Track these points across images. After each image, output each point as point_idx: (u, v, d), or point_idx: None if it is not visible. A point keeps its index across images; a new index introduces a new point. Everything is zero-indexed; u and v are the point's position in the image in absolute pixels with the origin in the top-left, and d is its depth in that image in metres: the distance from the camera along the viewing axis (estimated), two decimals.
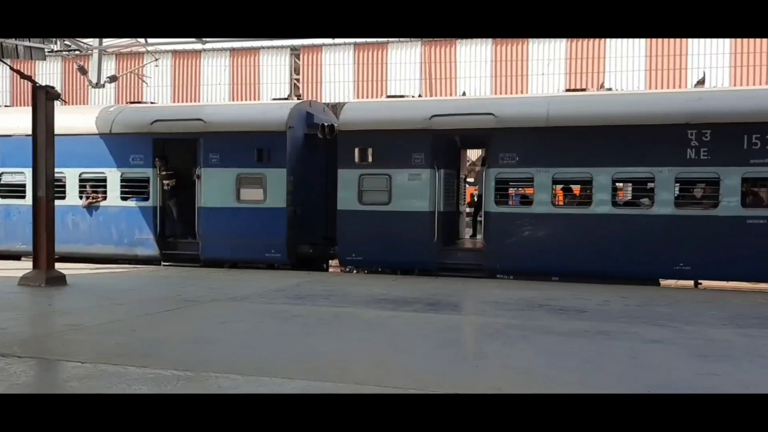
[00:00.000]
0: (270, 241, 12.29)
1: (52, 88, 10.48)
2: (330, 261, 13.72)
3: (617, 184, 11.29)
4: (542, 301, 8.72)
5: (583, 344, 6.09)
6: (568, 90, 13.67)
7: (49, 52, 15.75)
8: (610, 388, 4.56)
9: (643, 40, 21.23)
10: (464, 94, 21.79)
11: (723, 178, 10.28)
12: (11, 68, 11.85)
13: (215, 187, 12.51)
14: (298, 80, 25.29)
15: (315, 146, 12.66)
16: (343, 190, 11.92)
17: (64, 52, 18.67)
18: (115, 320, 7.02)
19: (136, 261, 13.13)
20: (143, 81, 23.24)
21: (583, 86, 18.89)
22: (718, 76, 20.48)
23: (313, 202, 12.69)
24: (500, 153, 11.24)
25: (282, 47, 24.86)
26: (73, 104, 24.24)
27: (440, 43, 23.19)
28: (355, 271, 12.47)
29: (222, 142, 12.48)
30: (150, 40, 15.53)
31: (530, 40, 22.50)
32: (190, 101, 25.19)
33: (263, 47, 24.83)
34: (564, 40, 22.06)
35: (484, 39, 22.94)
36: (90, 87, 17.00)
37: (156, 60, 20.27)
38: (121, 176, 13.01)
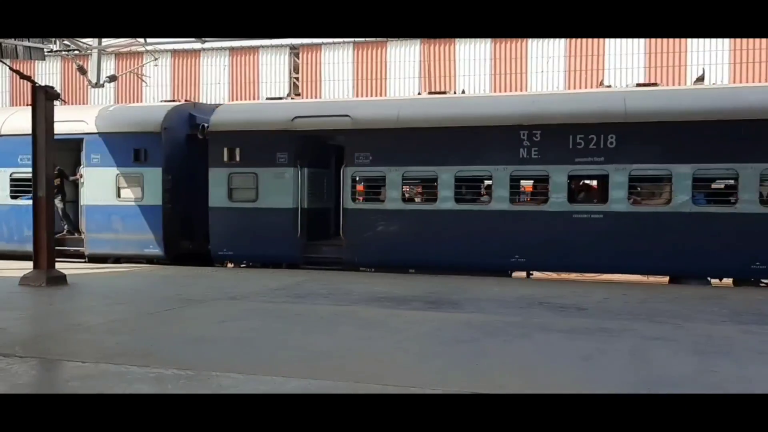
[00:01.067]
0: (148, 236, 12.87)
1: (52, 88, 10.49)
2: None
3: (492, 181, 11.55)
4: (542, 298, 8.73)
5: (583, 342, 6.10)
6: (431, 93, 14.46)
7: (48, 52, 15.74)
8: (610, 386, 4.57)
9: (643, 38, 21.22)
10: (463, 92, 21.79)
11: (552, 175, 10.89)
12: (11, 68, 11.85)
13: (97, 186, 13.11)
14: (297, 79, 25.29)
15: (197, 146, 13.04)
16: (214, 188, 12.47)
17: (63, 52, 18.65)
18: (116, 320, 7.03)
19: (27, 257, 13.27)
20: (143, 80, 23.24)
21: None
22: (718, 73, 20.47)
23: (197, 199, 13.07)
24: (355, 153, 11.86)
25: (281, 46, 24.85)
26: (73, 104, 24.23)
27: (439, 41, 23.19)
28: (230, 265, 13.09)
29: (103, 143, 13.05)
30: (149, 40, 15.53)
31: (530, 38, 22.50)
32: (190, 100, 25.18)
33: (262, 46, 24.82)
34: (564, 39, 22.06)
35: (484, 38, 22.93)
36: (89, 87, 16.99)
37: (155, 59, 20.27)
38: (10, 176, 13.61)
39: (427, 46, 23.43)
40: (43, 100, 10.03)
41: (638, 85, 13.47)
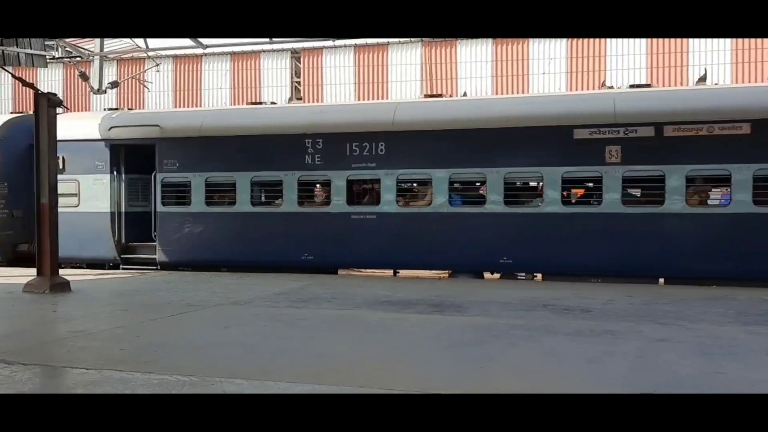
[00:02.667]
0: None
1: (54, 95, 10.51)
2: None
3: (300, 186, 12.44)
4: (546, 301, 8.71)
5: (588, 344, 6.07)
6: (251, 103, 15.39)
7: (50, 59, 15.80)
8: (617, 388, 4.54)
9: (644, 38, 21.20)
10: (465, 94, 21.77)
11: (333, 180, 12.00)
12: (13, 76, 11.87)
13: None
14: (299, 83, 25.32)
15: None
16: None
17: (65, 59, 18.72)
18: (120, 326, 7.02)
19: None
20: (144, 86, 23.29)
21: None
22: (720, 73, 20.44)
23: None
24: (164, 159, 12.88)
25: (282, 50, 24.87)
26: (75, 111, 24.27)
27: (441, 43, 23.19)
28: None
29: None
30: (151, 45, 15.55)
31: (531, 39, 22.48)
32: (192, 106, 25.24)
33: (264, 50, 24.84)
34: (565, 39, 22.04)
35: (485, 39, 22.92)
36: (91, 93, 17.03)
37: (157, 65, 20.31)
38: None
39: (428, 48, 23.43)
40: (45, 107, 10.04)
41: (426, 96, 15.27)
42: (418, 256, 11.69)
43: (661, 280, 10.97)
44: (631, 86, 12.86)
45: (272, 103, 17.58)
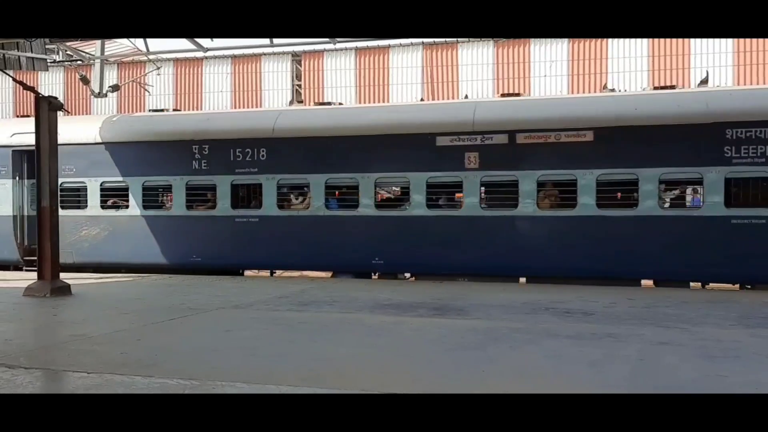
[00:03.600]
0: None
1: (55, 98, 10.53)
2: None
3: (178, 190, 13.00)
4: (548, 304, 8.69)
5: (590, 347, 6.06)
6: (154, 110, 15.91)
7: (51, 62, 15.80)
8: (617, 391, 4.52)
9: (645, 41, 21.20)
10: (466, 97, 21.79)
11: (218, 185, 12.53)
12: (14, 79, 11.90)
13: None
14: (300, 86, 25.33)
15: None
16: None
17: (66, 63, 18.72)
18: (121, 330, 7.01)
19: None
20: (145, 89, 23.30)
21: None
22: (722, 76, 20.43)
23: None
24: (62, 165, 12.91)
25: (283, 53, 24.89)
26: (76, 114, 24.31)
27: (442, 46, 23.20)
28: None
29: None
30: (152, 48, 15.57)
31: (532, 42, 22.49)
32: (192, 109, 25.25)
33: (264, 53, 24.87)
34: (566, 41, 22.04)
35: (486, 42, 22.93)
36: (92, 96, 17.05)
37: (158, 68, 20.32)
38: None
39: (430, 51, 23.45)
40: (46, 110, 10.06)
41: (318, 103, 16.31)
42: (300, 257, 12.32)
43: (522, 279, 11.58)
44: (503, 95, 13.96)
45: (174, 109, 18.30)
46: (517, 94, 14.55)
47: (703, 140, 10.46)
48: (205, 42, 13.34)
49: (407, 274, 12.25)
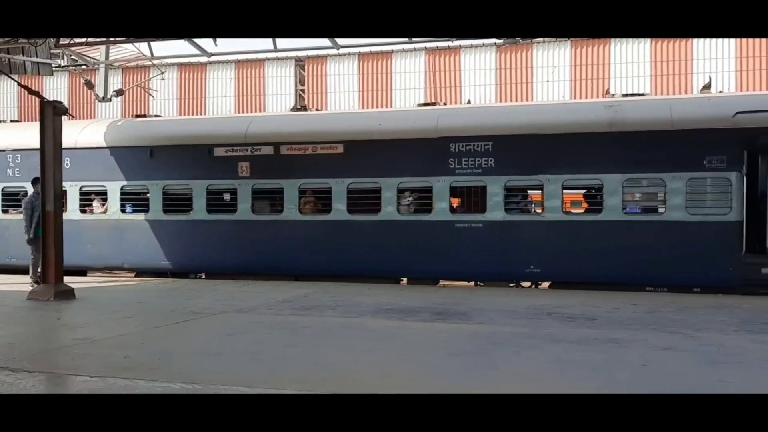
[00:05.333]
0: None
1: (60, 103, 10.57)
2: None
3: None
4: (551, 309, 8.69)
5: (593, 352, 6.06)
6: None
7: (56, 67, 15.88)
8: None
9: (648, 45, 21.21)
10: (469, 102, 21.81)
11: (108, 189, 13.50)
12: (19, 84, 11.93)
13: None
14: (303, 91, 25.40)
15: None
16: None
17: (71, 67, 18.80)
18: (124, 333, 7.03)
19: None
20: (149, 94, 23.38)
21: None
22: (724, 81, 20.43)
23: None
24: None
25: (287, 58, 24.97)
26: (80, 119, 24.39)
27: (444, 51, 23.25)
28: None
29: None
30: (156, 53, 15.64)
31: (535, 46, 22.52)
32: (197, 113, 25.34)
33: (268, 58, 24.94)
34: (569, 46, 22.07)
35: (489, 47, 22.97)
36: (97, 101, 17.11)
37: (162, 73, 20.39)
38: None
39: (432, 56, 23.49)
40: (51, 115, 10.10)
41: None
42: (119, 257, 13.53)
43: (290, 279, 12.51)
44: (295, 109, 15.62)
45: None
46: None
47: (433, 153, 11.83)
48: (209, 47, 13.40)
49: (203, 274, 13.31)
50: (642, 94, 14.88)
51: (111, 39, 12.98)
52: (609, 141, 11.17)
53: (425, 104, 14.49)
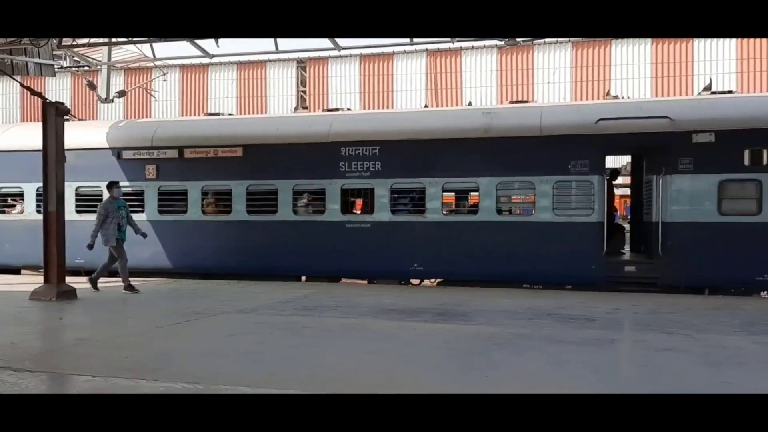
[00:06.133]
0: None
1: (62, 104, 10.60)
2: None
3: None
4: (551, 310, 8.70)
5: (593, 353, 6.07)
6: None
7: (58, 68, 15.92)
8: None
9: (648, 47, 21.23)
10: (470, 103, 21.81)
11: (25, 191, 14.01)
12: (22, 85, 11.97)
13: None
14: (304, 92, 25.42)
15: None
16: None
17: (73, 69, 18.85)
18: (126, 334, 7.05)
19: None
20: (151, 95, 23.43)
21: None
22: (725, 82, 20.44)
23: None
24: None
25: (288, 60, 25.00)
26: (83, 120, 24.46)
27: (446, 53, 23.26)
28: None
29: None
30: (158, 54, 15.67)
31: (536, 48, 22.54)
32: (198, 114, 25.35)
33: (270, 60, 24.99)
34: (569, 48, 22.08)
35: (489, 48, 22.98)
36: (99, 102, 17.15)
37: (164, 74, 20.44)
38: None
39: (434, 58, 23.51)
40: (53, 115, 10.13)
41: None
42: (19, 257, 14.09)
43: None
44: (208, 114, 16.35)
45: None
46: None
47: (326, 157, 12.42)
48: (211, 48, 13.43)
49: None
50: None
51: (113, 40, 13.02)
52: (484, 146, 11.77)
53: (329, 110, 15.24)
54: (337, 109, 15.27)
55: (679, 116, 11.04)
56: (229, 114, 17.95)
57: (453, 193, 13.21)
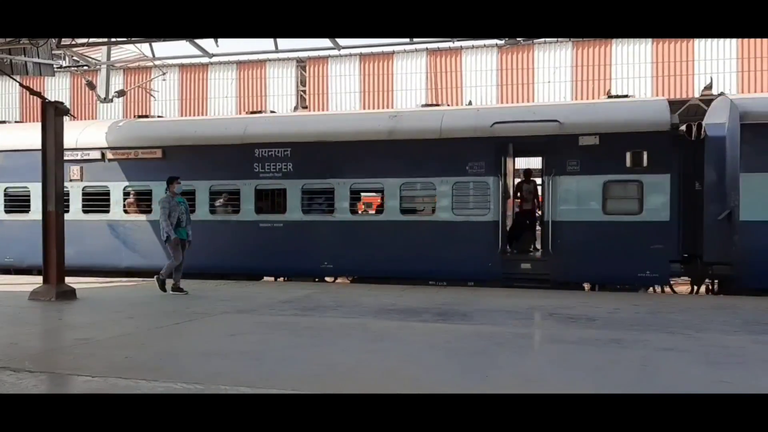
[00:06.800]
0: None
1: (62, 103, 10.59)
2: None
3: None
4: (552, 309, 8.69)
5: (594, 353, 6.06)
6: None
7: (57, 68, 15.91)
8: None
9: (649, 46, 21.22)
10: (470, 103, 21.81)
11: None
12: (21, 84, 11.96)
13: None
14: (304, 92, 25.41)
15: None
16: None
17: (72, 68, 18.84)
18: (125, 334, 7.04)
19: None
20: (151, 95, 23.42)
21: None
22: (726, 82, 20.43)
23: None
24: None
25: (288, 59, 24.99)
26: (82, 119, 24.42)
27: (446, 52, 23.25)
28: None
29: None
30: (157, 54, 15.66)
31: (536, 47, 22.52)
32: (198, 114, 25.37)
33: (269, 59, 24.97)
34: (570, 47, 22.07)
35: (490, 48, 22.97)
36: (98, 102, 17.14)
37: (163, 74, 20.43)
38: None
39: (434, 57, 23.50)
40: (52, 115, 10.12)
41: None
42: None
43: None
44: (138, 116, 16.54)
45: None
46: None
47: (241, 158, 12.90)
48: (210, 47, 13.42)
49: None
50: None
51: (113, 39, 13.01)
52: (389, 148, 12.22)
53: (253, 112, 15.79)
54: (259, 112, 15.92)
55: (567, 120, 11.52)
56: (158, 116, 18.08)
57: (378, 194, 13.49)
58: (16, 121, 21.48)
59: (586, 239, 11.31)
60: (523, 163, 15.27)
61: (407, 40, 12.35)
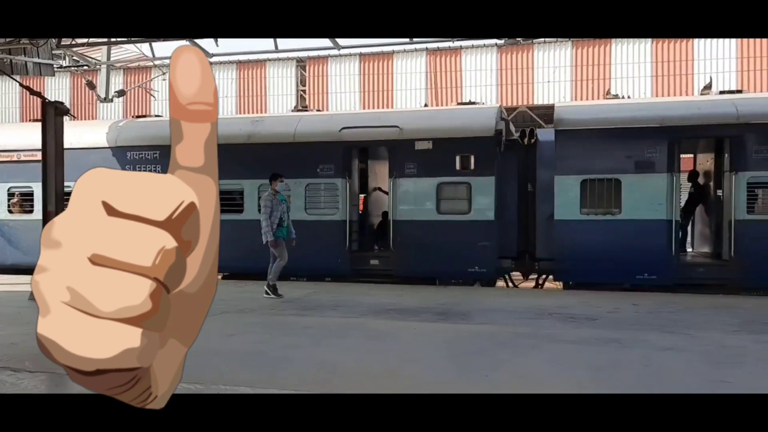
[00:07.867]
0: None
1: (61, 103, 10.60)
2: None
3: None
4: (552, 309, 8.69)
5: (594, 352, 6.06)
6: None
7: (57, 68, 15.90)
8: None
9: (649, 46, 21.21)
10: (470, 102, 21.78)
11: None
12: (21, 84, 11.97)
13: None
14: (304, 91, 25.41)
15: None
16: None
17: (72, 68, 18.83)
18: None
19: None
20: (151, 95, 23.41)
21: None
22: (725, 81, 20.42)
23: None
24: None
25: (288, 59, 24.98)
26: (81, 119, 24.41)
27: (446, 52, 23.24)
28: None
29: None
30: (157, 54, 15.66)
31: (536, 47, 22.51)
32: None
33: (269, 59, 24.96)
34: (569, 47, 22.06)
35: (489, 47, 22.97)
36: (98, 102, 17.13)
37: (163, 74, 20.40)
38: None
39: (434, 57, 23.50)
40: (52, 115, 10.12)
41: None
42: None
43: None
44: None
45: None
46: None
47: (115, 161, 13.49)
48: (210, 47, 13.42)
49: None
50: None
51: (112, 39, 13.01)
52: (249, 151, 12.77)
53: (139, 116, 16.83)
54: (144, 115, 16.76)
55: (405, 126, 12.32)
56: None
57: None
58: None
59: (423, 237, 12.00)
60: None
61: (407, 40, 12.37)
